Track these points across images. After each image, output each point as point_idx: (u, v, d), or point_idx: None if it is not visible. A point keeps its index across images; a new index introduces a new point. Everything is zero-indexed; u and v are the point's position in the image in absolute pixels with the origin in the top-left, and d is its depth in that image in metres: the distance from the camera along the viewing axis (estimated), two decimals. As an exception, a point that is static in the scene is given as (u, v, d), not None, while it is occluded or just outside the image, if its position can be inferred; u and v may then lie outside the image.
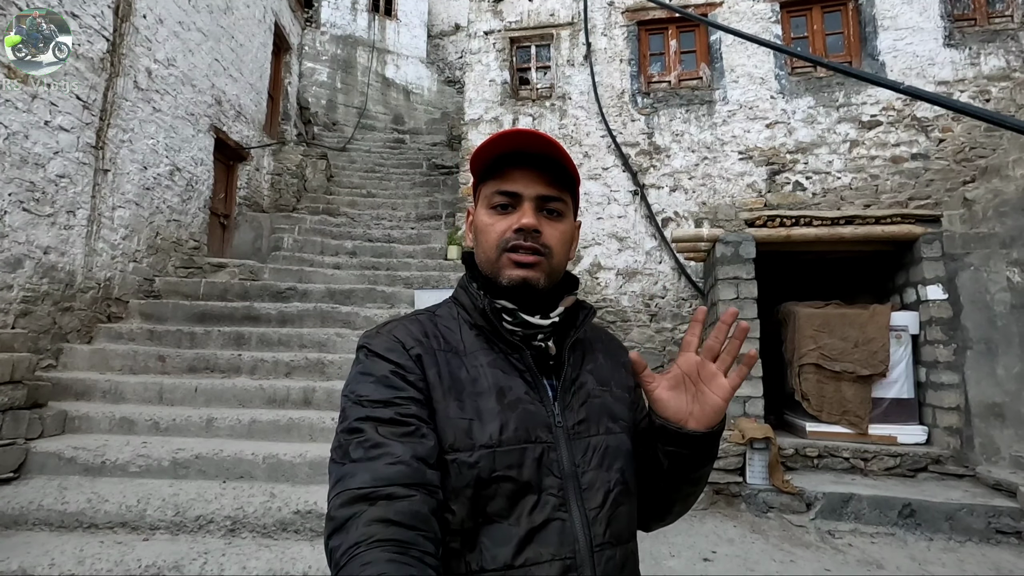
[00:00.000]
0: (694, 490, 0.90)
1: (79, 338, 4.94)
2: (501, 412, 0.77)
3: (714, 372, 0.79)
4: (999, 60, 6.03)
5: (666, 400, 0.80)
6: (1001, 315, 4.59)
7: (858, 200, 6.15)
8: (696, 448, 0.80)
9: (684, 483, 0.86)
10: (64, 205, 4.73)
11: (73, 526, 3.14)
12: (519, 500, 0.74)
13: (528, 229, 0.82)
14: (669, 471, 0.84)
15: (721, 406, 0.79)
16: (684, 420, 0.79)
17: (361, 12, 14.69)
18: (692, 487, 0.88)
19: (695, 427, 0.79)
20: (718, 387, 0.79)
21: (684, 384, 0.81)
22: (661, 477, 0.85)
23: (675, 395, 0.80)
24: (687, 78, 7.08)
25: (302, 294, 6.06)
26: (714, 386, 0.79)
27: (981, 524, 3.87)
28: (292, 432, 4.06)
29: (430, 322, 0.87)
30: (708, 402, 0.79)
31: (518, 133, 0.83)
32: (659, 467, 0.84)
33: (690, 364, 0.80)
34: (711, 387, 0.79)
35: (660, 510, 0.92)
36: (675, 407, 0.80)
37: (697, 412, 0.79)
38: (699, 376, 0.80)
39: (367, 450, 0.71)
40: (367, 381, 0.77)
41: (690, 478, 0.85)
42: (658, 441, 0.82)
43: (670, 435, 0.80)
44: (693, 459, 0.82)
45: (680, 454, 0.81)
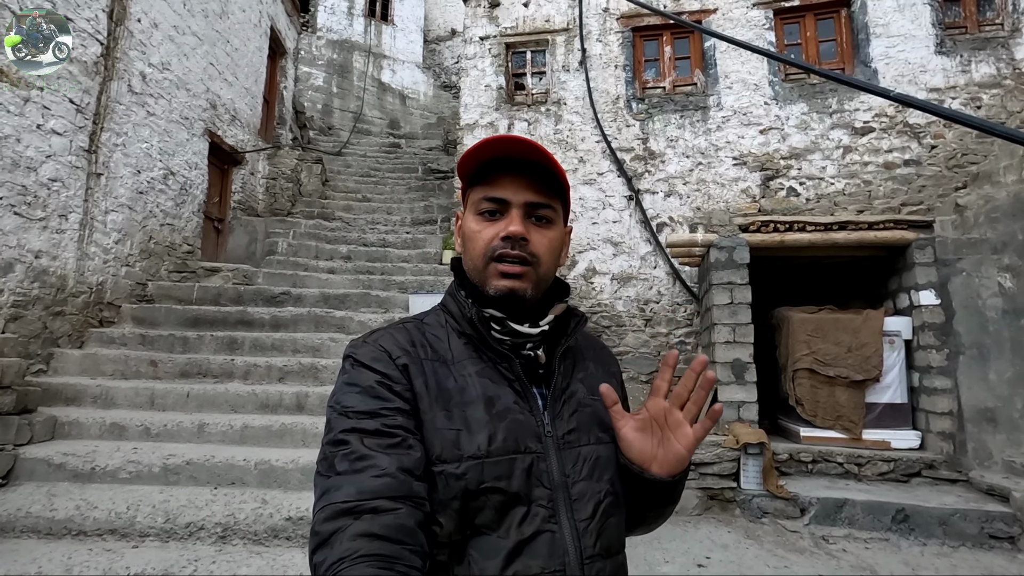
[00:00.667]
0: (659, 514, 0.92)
1: (70, 343, 4.90)
2: (489, 422, 0.76)
3: (680, 421, 0.79)
4: (990, 67, 6.08)
5: (631, 440, 0.81)
6: (993, 320, 4.61)
7: (851, 206, 6.19)
8: (657, 492, 0.82)
9: (648, 510, 0.89)
10: (56, 209, 4.70)
11: (61, 533, 3.11)
12: (508, 512, 0.73)
13: (515, 237, 0.81)
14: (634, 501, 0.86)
15: (684, 456, 0.79)
16: (648, 464, 0.80)
17: (357, 17, 14.72)
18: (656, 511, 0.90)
19: (657, 472, 0.80)
20: (683, 436, 0.79)
21: (651, 427, 0.81)
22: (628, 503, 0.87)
23: (641, 437, 0.81)
24: (682, 84, 7.11)
25: (296, 298, 6.04)
26: (679, 435, 0.79)
27: (974, 529, 3.88)
28: (285, 438, 4.04)
29: (417, 331, 0.86)
30: (672, 450, 0.79)
31: (507, 139, 0.82)
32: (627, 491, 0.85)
33: (658, 409, 0.80)
34: (676, 435, 0.79)
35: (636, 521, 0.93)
36: (639, 449, 0.80)
37: (661, 457, 0.80)
38: (666, 422, 0.80)
39: (352, 462, 0.69)
40: (352, 392, 0.76)
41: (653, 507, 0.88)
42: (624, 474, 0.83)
43: (632, 476, 0.81)
44: (654, 499, 0.84)
45: (641, 493, 0.83)
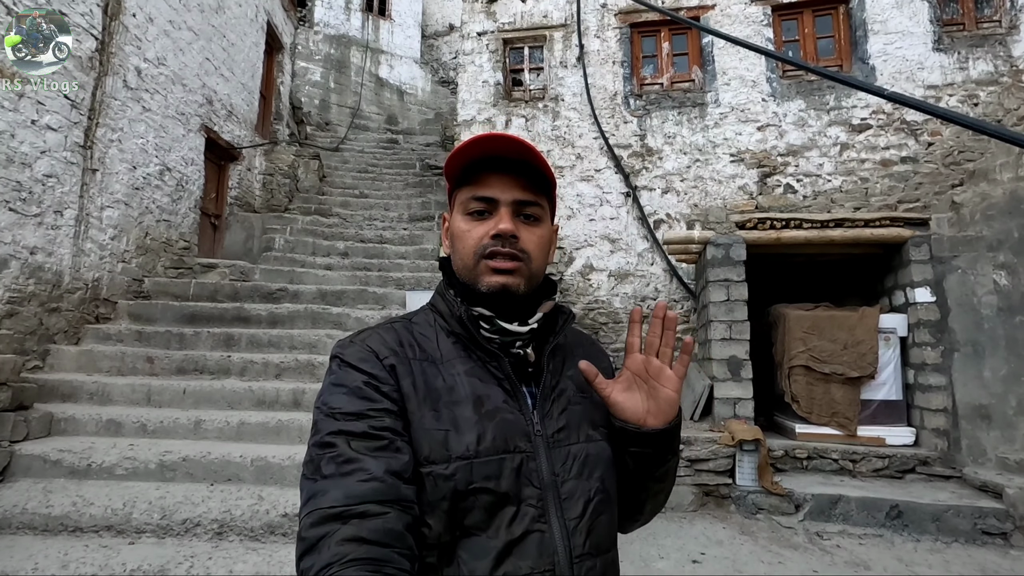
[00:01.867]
0: (662, 487, 0.92)
1: (66, 339, 4.90)
2: (478, 422, 0.76)
3: (660, 366, 0.82)
4: (987, 65, 6.08)
5: (622, 402, 0.83)
6: (988, 318, 4.63)
7: (848, 203, 6.19)
8: (657, 445, 0.83)
9: (650, 480, 0.88)
10: (51, 205, 4.68)
11: (57, 530, 3.11)
12: (497, 512, 0.73)
13: (506, 235, 0.81)
14: (635, 471, 0.86)
15: (674, 397, 0.82)
16: (642, 419, 0.82)
17: (355, 12, 14.63)
18: (659, 484, 0.90)
19: (654, 424, 0.82)
20: (667, 379, 0.82)
21: (637, 384, 0.83)
22: (628, 477, 0.87)
23: (630, 396, 0.83)
24: (679, 80, 7.10)
25: (293, 295, 6.03)
26: (663, 379, 0.82)
27: (967, 525, 3.91)
28: (281, 434, 4.04)
29: (406, 330, 0.86)
30: (662, 396, 0.82)
31: (493, 137, 0.82)
32: (626, 468, 0.86)
33: (637, 364, 0.83)
34: (661, 381, 0.82)
35: (632, 511, 0.93)
36: (632, 407, 0.83)
37: (654, 408, 0.82)
38: (648, 374, 0.83)
39: (339, 466, 0.69)
40: (339, 392, 0.76)
41: (655, 475, 0.87)
42: (621, 443, 0.85)
43: (630, 436, 0.82)
44: (656, 456, 0.84)
45: (643, 453, 0.84)
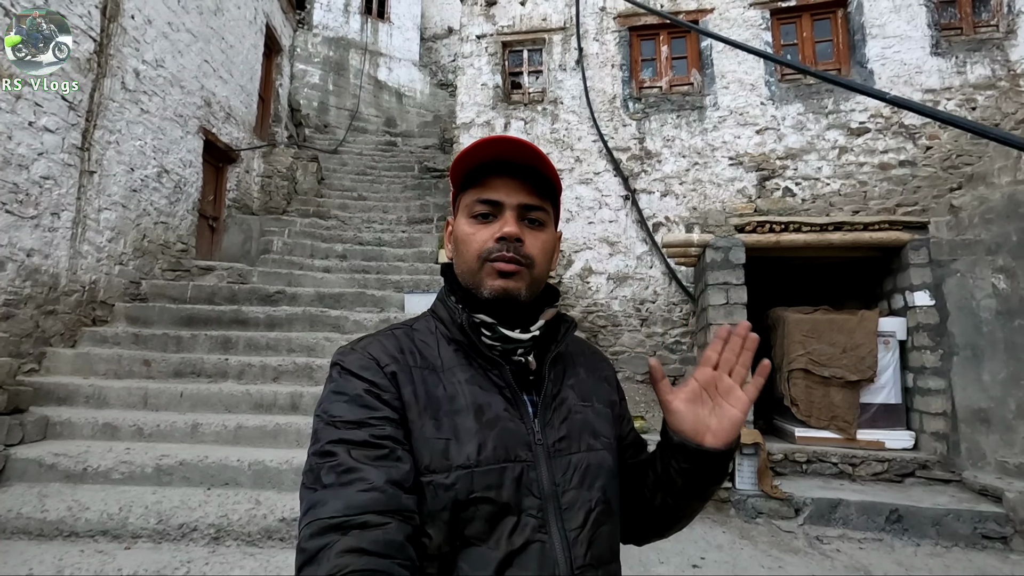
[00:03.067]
0: (701, 506, 0.88)
1: (62, 342, 4.87)
2: (479, 431, 0.75)
3: (731, 385, 0.79)
4: (985, 69, 6.10)
5: (683, 412, 0.79)
6: (987, 321, 4.63)
7: (847, 206, 6.20)
8: (713, 466, 0.79)
9: (695, 499, 0.85)
10: (48, 207, 4.66)
11: (53, 535, 3.09)
12: (498, 522, 0.72)
13: (510, 238, 0.80)
14: (683, 488, 0.82)
15: (740, 418, 0.78)
16: (702, 436, 0.79)
17: (354, 14, 14.65)
18: (701, 503, 0.87)
19: (712, 443, 0.78)
20: (736, 399, 0.79)
21: (702, 398, 0.80)
22: (672, 495, 0.84)
23: (693, 408, 0.80)
24: (678, 84, 7.11)
25: (291, 298, 6.02)
26: (732, 399, 0.79)
27: (967, 529, 3.90)
28: (279, 438, 4.02)
29: (407, 337, 0.85)
30: (727, 415, 0.79)
31: (500, 140, 0.81)
32: (673, 485, 0.83)
33: (707, 377, 0.80)
34: (729, 400, 0.79)
35: (663, 526, 0.90)
36: (692, 420, 0.79)
37: (715, 426, 0.79)
38: (716, 391, 0.80)
39: (339, 475, 0.68)
40: (340, 401, 0.75)
41: (702, 495, 0.84)
42: (672, 459, 0.81)
43: (688, 453, 0.79)
44: (708, 477, 0.81)
45: (695, 472, 0.80)
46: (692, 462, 0.79)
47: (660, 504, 0.86)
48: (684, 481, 0.81)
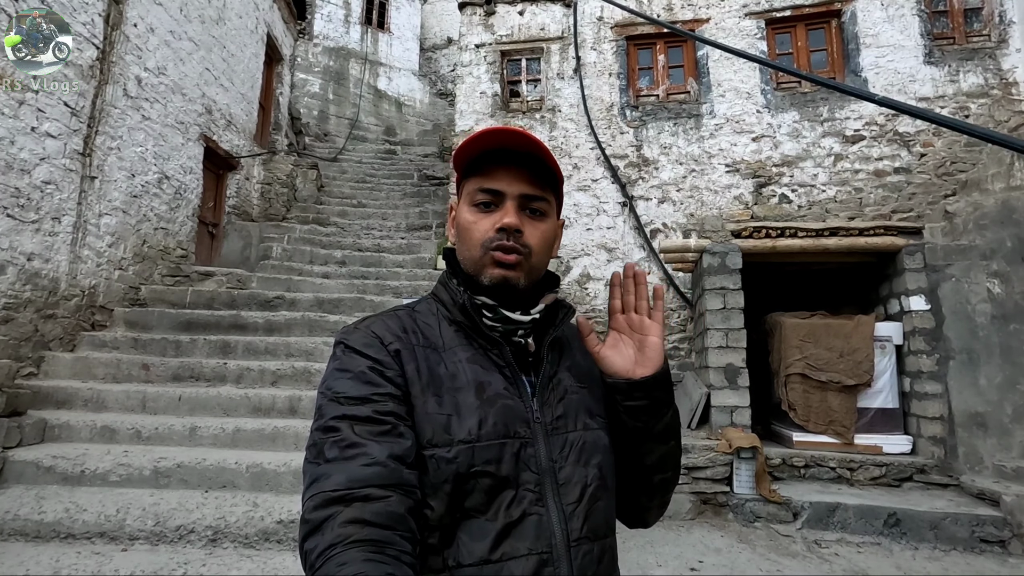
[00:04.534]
0: (666, 449, 0.89)
1: (61, 346, 4.87)
2: (480, 407, 0.77)
3: (639, 318, 0.86)
4: (977, 77, 6.18)
5: (611, 356, 0.85)
6: (982, 326, 4.66)
7: (842, 212, 6.25)
8: (650, 395, 0.83)
9: (651, 440, 0.86)
10: (49, 212, 4.68)
11: (50, 536, 3.08)
12: (497, 495, 0.74)
13: (510, 228, 0.82)
14: (633, 430, 0.86)
15: (657, 343, 0.85)
16: (631, 371, 0.84)
17: (354, 25, 14.79)
18: (662, 444, 0.88)
19: (643, 373, 0.83)
20: (648, 327, 0.85)
21: (623, 340, 0.86)
22: (629, 440, 0.87)
23: (618, 351, 0.85)
24: (675, 92, 7.19)
25: (290, 303, 6.02)
26: (646, 328, 0.85)
27: (965, 533, 3.90)
28: (277, 441, 4.02)
29: (409, 318, 0.87)
30: (647, 344, 0.84)
31: (502, 131, 0.84)
32: (624, 429, 0.86)
33: (619, 323, 0.87)
34: (644, 331, 0.85)
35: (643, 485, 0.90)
36: (621, 360, 0.85)
37: (641, 359, 0.84)
38: (631, 328, 0.86)
39: (342, 450, 0.70)
40: (344, 377, 0.77)
41: (654, 431, 0.86)
42: (615, 401, 0.85)
43: (622, 389, 0.84)
44: (651, 408, 0.84)
45: (637, 407, 0.84)
46: (629, 396, 0.84)
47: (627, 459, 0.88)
48: (631, 420, 0.85)
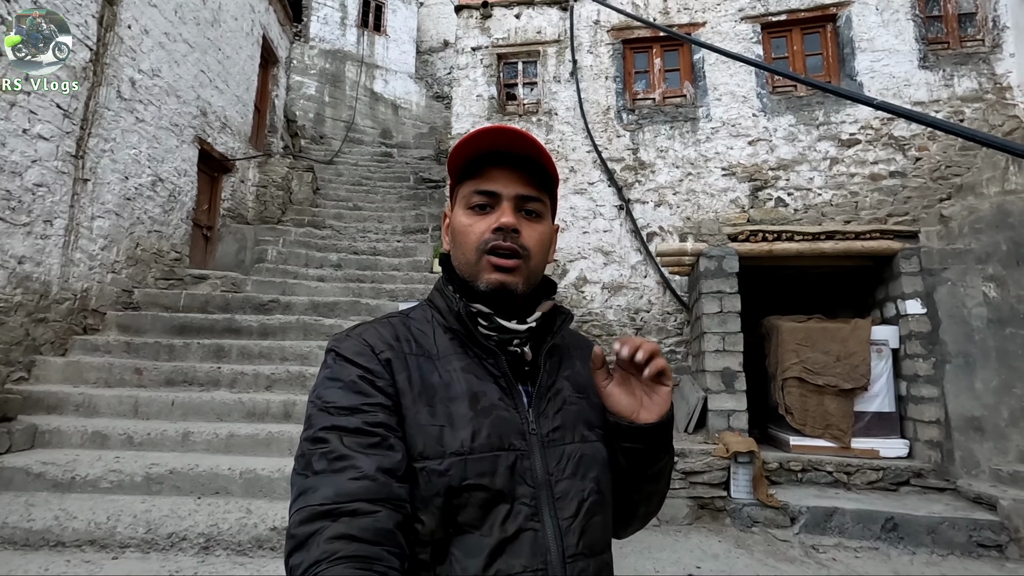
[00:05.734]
0: (655, 488, 0.89)
1: (53, 350, 4.82)
2: (474, 418, 0.75)
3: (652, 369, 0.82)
4: (971, 82, 6.21)
5: (617, 395, 0.82)
6: (978, 329, 4.66)
7: (838, 216, 6.25)
8: (649, 440, 0.81)
9: (643, 480, 0.86)
10: (41, 214, 4.64)
11: (39, 544, 3.04)
12: (491, 509, 0.72)
13: (507, 228, 0.80)
14: (628, 469, 0.84)
15: (667, 392, 0.81)
16: (636, 414, 0.81)
17: (350, 27, 14.78)
18: (653, 484, 0.88)
19: (646, 418, 0.81)
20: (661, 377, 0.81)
21: (632, 380, 0.82)
22: (622, 476, 0.85)
23: (626, 390, 0.82)
24: (671, 95, 7.19)
25: (285, 306, 5.99)
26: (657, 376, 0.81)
27: (962, 538, 3.89)
28: (271, 446, 3.98)
29: (402, 325, 0.85)
30: (657, 391, 0.81)
31: (497, 131, 0.81)
32: (619, 467, 0.84)
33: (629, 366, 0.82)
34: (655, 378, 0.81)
35: (626, 514, 0.91)
36: (627, 402, 0.82)
37: (647, 403, 0.81)
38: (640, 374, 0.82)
39: (331, 462, 0.68)
40: (334, 386, 0.75)
41: (647, 473, 0.85)
42: (616, 440, 0.83)
43: (623, 431, 0.81)
44: (648, 453, 0.83)
45: (635, 449, 0.82)
46: (629, 439, 0.82)
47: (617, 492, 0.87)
48: (627, 460, 0.83)
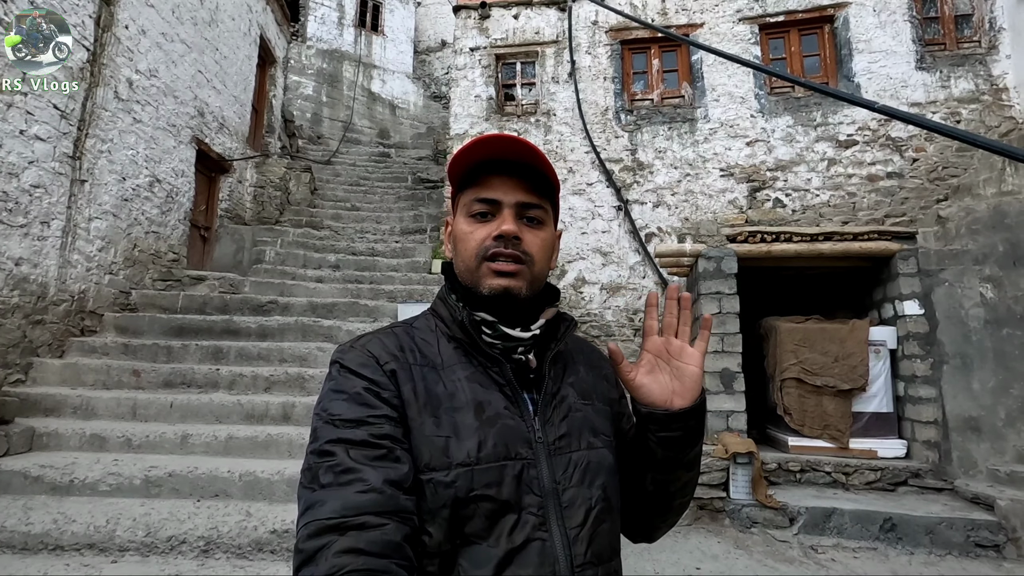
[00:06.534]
0: (691, 476, 0.89)
1: (50, 352, 4.80)
2: (479, 428, 0.75)
3: (681, 345, 0.83)
4: (968, 83, 6.23)
5: (648, 385, 0.82)
6: (976, 330, 4.68)
7: (836, 217, 6.27)
8: (686, 425, 0.81)
9: (680, 467, 0.86)
10: (38, 216, 4.62)
11: (37, 548, 3.02)
12: (498, 520, 0.72)
13: (508, 236, 0.80)
14: (664, 459, 0.84)
15: (698, 373, 0.82)
16: (669, 401, 0.81)
17: (348, 27, 14.75)
18: (689, 472, 0.88)
19: (681, 404, 0.81)
20: (689, 357, 0.82)
21: (659, 366, 0.83)
22: (656, 468, 0.85)
23: (654, 378, 0.83)
24: (669, 96, 7.20)
25: (283, 308, 5.97)
26: (686, 357, 0.82)
27: (960, 538, 3.91)
28: (270, 448, 3.97)
29: (406, 335, 0.85)
30: (686, 375, 0.82)
31: (497, 139, 0.82)
32: (653, 458, 0.84)
33: (657, 346, 0.83)
34: (683, 359, 0.82)
35: (662, 509, 0.90)
36: (658, 390, 0.82)
37: (679, 388, 0.82)
38: (669, 354, 0.82)
39: (337, 475, 0.68)
40: (339, 399, 0.75)
41: (685, 461, 0.85)
42: (648, 430, 0.82)
43: (659, 419, 0.81)
44: (685, 439, 0.82)
45: (672, 437, 0.82)
46: (665, 427, 0.81)
47: (651, 486, 0.87)
48: (663, 450, 0.83)
